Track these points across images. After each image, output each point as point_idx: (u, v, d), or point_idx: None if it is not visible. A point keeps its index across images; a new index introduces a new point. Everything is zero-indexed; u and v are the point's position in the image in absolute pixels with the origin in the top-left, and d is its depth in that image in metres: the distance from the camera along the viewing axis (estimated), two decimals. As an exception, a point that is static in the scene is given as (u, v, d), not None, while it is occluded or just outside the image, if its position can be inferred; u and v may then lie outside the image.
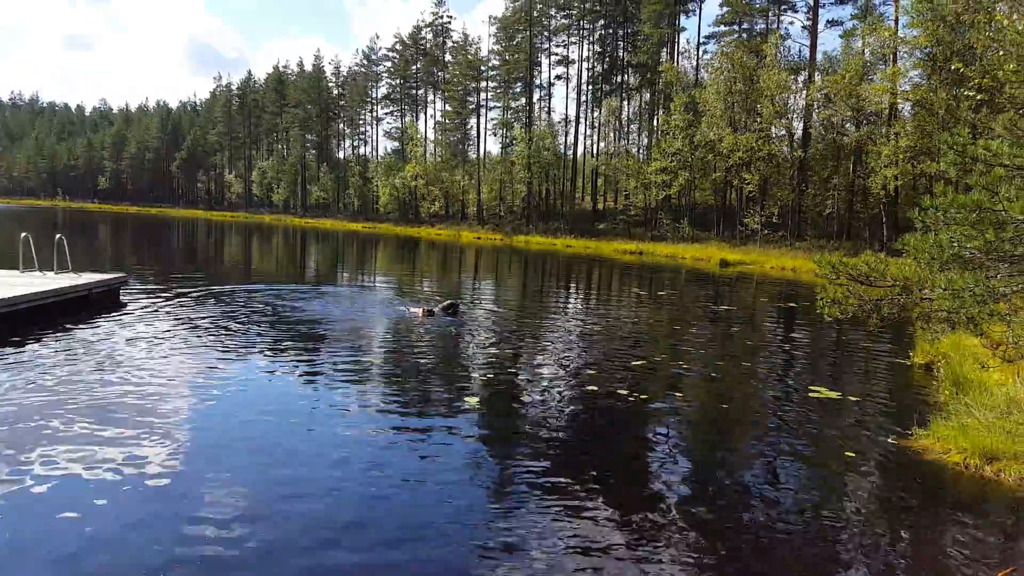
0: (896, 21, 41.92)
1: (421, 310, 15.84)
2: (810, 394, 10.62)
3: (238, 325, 14.38)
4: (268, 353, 12.08)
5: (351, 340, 13.59)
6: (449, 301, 16.36)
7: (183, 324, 14.12)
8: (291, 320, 15.43)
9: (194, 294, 18.74)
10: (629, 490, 6.76)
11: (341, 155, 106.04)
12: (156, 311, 15.61)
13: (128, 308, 15.78)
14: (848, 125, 45.34)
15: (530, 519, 5.95)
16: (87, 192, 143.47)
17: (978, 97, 28.01)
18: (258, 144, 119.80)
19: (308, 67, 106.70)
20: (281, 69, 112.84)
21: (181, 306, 16.48)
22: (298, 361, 11.53)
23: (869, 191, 41.92)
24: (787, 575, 5.26)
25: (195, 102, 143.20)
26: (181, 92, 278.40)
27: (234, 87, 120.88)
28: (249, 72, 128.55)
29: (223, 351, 11.91)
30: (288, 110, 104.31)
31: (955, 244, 4.53)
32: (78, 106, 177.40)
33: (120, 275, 17.49)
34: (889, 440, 8.30)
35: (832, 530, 5.99)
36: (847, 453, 7.99)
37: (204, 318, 14.94)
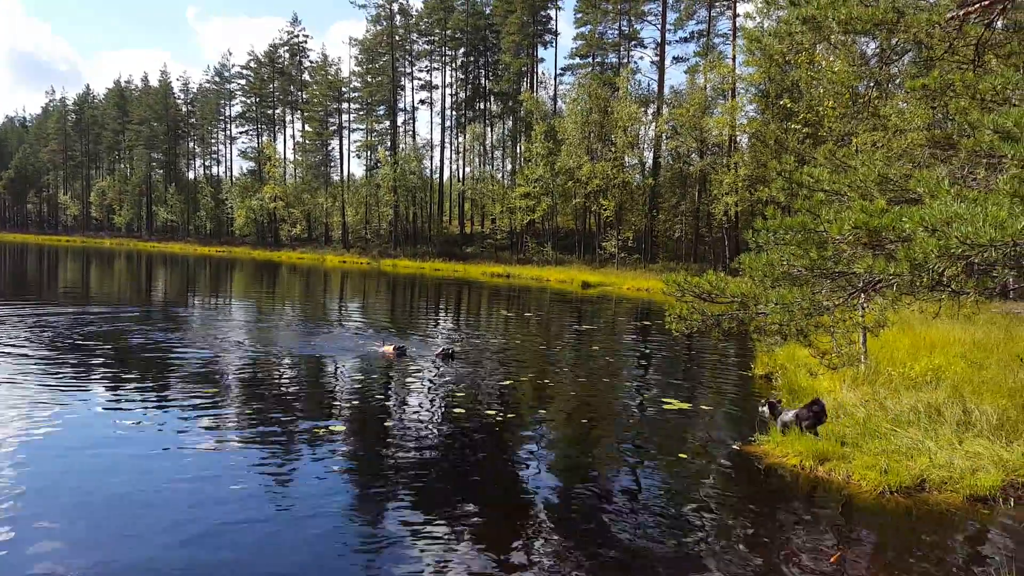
0: (734, 59, 45.69)
1: (391, 348, 14.56)
2: (664, 406, 11.21)
3: (69, 356, 13.21)
4: (104, 387, 11.17)
5: (200, 371, 12.86)
6: (444, 347, 14.73)
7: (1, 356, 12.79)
8: (131, 350, 14.37)
9: (16, 323, 17.02)
10: (496, 506, 6.83)
11: (191, 175, 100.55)
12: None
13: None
14: (693, 155, 48.65)
15: (397, 544, 5.87)
16: None
17: (804, 130, 30.97)
18: (98, 163, 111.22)
19: (154, 82, 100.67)
20: (123, 84, 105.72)
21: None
22: (140, 396, 10.74)
23: (713, 216, 45.06)
24: (645, 565, 5.50)
25: (24, 117, 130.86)
26: (6, 106, 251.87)
27: (70, 102, 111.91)
28: (87, 86, 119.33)
29: (50, 385, 10.88)
30: (131, 127, 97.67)
31: (784, 263, 5.01)
32: None
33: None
34: (734, 446, 8.92)
35: (685, 529, 6.34)
36: (697, 459, 8.51)
37: (28, 348, 13.60)
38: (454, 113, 73.86)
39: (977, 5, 6.66)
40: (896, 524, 6.71)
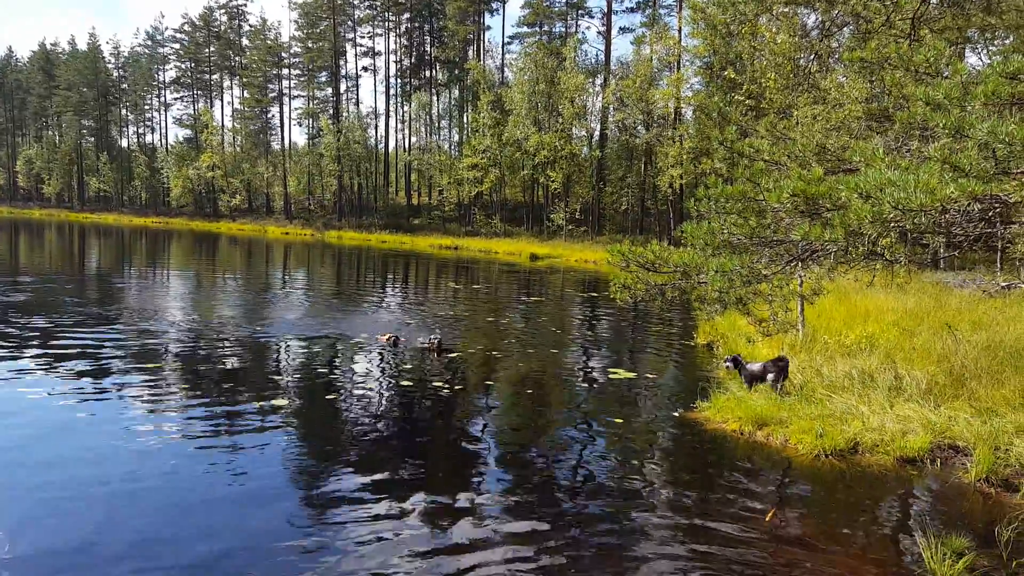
0: (680, 31, 45.76)
1: (385, 336, 13.39)
2: (610, 375, 11.35)
3: (-1, 333, 12.61)
4: (36, 363, 10.68)
5: (140, 347, 12.43)
6: (436, 338, 12.91)
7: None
8: (63, 325, 13.79)
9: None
10: (445, 478, 6.82)
11: (124, 143, 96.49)
12: None
13: None
14: (640, 127, 48.83)
15: (346, 520, 5.81)
16: None
17: (747, 102, 31.35)
18: (24, 130, 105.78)
19: (82, 46, 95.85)
20: (49, 47, 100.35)
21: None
22: (74, 370, 10.32)
23: (658, 189, 45.47)
24: (593, 534, 5.56)
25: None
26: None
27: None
28: (10, 48, 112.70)
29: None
30: (59, 92, 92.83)
31: (725, 231, 5.07)
32: None
33: None
34: (676, 413, 9.09)
35: (627, 493, 6.44)
36: (642, 426, 8.65)
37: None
38: (399, 81, 72.50)
39: (914, -22, 6.77)
40: (830, 485, 6.94)
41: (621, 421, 8.83)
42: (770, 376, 9.19)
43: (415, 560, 5.15)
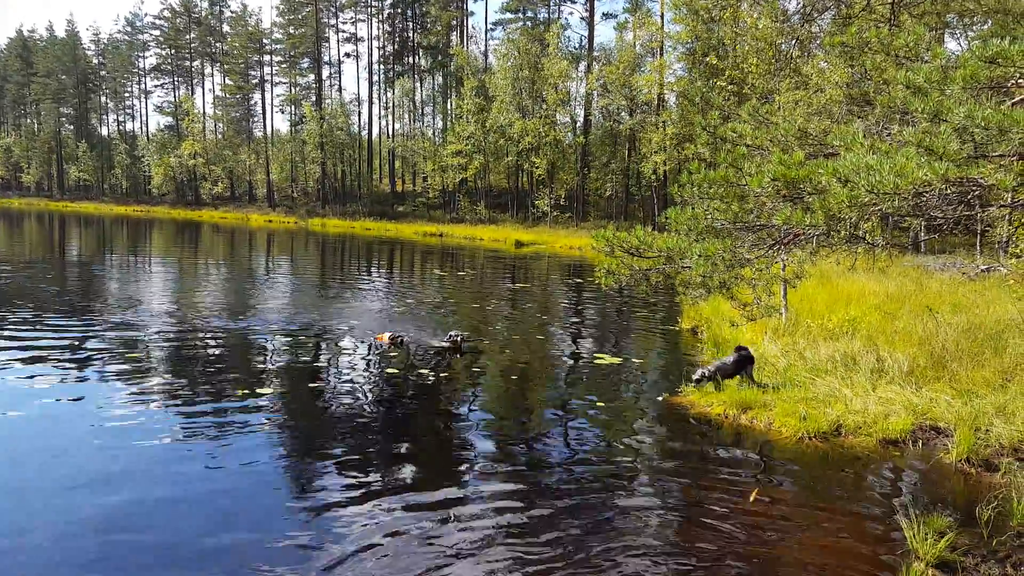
0: (662, 16, 45.64)
1: (386, 336, 12.27)
2: (596, 361, 11.39)
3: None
4: (17, 351, 10.57)
5: (114, 335, 12.31)
6: (455, 334, 11.77)
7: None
8: (45, 313, 13.64)
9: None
10: (429, 462, 6.83)
11: (104, 131, 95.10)
12: None
13: None
14: (623, 113, 48.73)
15: (334, 503, 5.81)
16: None
17: (729, 88, 31.43)
18: (2, 118, 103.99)
19: (60, 32, 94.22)
20: (27, 33, 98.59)
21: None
22: (53, 361, 10.22)
23: (642, 175, 45.47)
24: (579, 516, 5.60)
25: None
26: None
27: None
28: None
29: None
30: (37, 79, 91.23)
31: (708, 216, 5.10)
32: None
33: None
34: (661, 397, 9.15)
35: (613, 475, 6.50)
36: (628, 411, 8.71)
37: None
38: (382, 67, 71.83)
39: (894, -38, 6.78)
40: (814, 467, 7.03)
41: (607, 406, 8.87)
42: (736, 369, 9.07)
43: (402, 548, 5.16)
